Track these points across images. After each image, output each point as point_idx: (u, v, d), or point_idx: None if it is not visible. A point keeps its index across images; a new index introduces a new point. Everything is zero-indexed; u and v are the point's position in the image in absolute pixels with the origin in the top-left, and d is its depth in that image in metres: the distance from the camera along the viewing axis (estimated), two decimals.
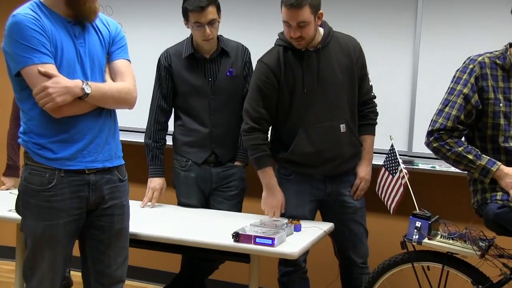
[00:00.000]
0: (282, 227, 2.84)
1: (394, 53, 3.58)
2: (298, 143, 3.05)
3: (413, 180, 3.13)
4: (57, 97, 2.26)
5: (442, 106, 2.65)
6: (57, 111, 2.31)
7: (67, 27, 2.37)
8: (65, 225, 2.39)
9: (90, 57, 2.41)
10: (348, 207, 3.16)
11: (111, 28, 2.52)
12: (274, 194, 3.09)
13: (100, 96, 2.37)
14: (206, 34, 3.15)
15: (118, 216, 2.53)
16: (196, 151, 3.35)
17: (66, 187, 2.37)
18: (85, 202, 2.43)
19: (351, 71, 3.07)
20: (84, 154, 2.39)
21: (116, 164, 2.51)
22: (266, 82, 3.04)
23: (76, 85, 2.31)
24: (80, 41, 2.39)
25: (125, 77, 2.49)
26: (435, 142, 2.64)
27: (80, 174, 2.39)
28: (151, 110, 3.39)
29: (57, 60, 2.32)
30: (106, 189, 2.47)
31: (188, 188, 3.37)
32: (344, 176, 3.16)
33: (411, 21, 3.51)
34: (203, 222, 3.09)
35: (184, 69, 3.30)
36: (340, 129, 3.05)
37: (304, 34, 2.91)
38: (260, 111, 3.06)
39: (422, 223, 2.66)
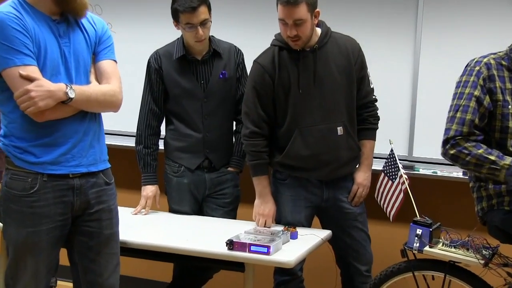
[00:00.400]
0: (278, 234, 2.83)
1: (394, 54, 3.57)
2: (293, 146, 3.04)
3: (414, 186, 3.13)
4: (39, 101, 2.24)
5: (453, 113, 2.60)
6: (40, 115, 2.29)
7: (51, 26, 2.34)
8: (49, 232, 2.36)
9: (75, 57, 2.39)
10: (348, 213, 3.14)
11: (98, 27, 2.50)
12: (266, 202, 3.10)
13: (84, 100, 2.35)
14: (199, 35, 3.13)
15: (106, 221, 2.50)
16: (189, 157, 3.33)
17: (49, 192, 2.34)
18: (70, 208, 2.40)
19: (349, 72, 3.07)
20: (68, 158, 2.37)
21: (101, 168, 2.49)
22: (261, 83, 3.05)
23: (60, 88, 2.29)
24: (65, 41, 2.37)
25: (111, 79, 2.47)
26: (452, 149, 2.57)
27: (64, 178, 2.37)
28: (141, 114, 3.36)
29: (40, 61, 2.30)
30: (92, 193, 2.45)
31: (180, 194, 3.35)
32: (341, 182, 3.14)
33: (412, 21, 3.49)
34: (196, 230, 3.08)
35: (175, 71, 3.28)
36: (337, 132, 3.04)
37: (301, 32, 2.90)
38: (259, 113, 3.06)
39: (423, 230, 2.65)
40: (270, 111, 3.07)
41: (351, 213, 3.14)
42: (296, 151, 3.04)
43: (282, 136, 3.09)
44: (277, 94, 3.05)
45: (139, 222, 3.20)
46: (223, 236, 2.75)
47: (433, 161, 3.48)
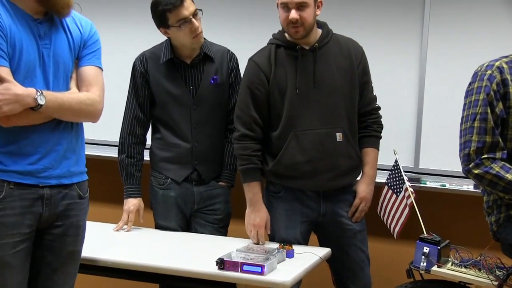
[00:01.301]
0: (273, 253, 2.80)
1: (399, 59, 3.58)
2: (288, 151, 3.03)
3: (420, 200, 3.11)
4: (4, 106, 2.21)
5: (471, 122, 2.56)
6: (5, 121, 2.26)
7: (31, 26, 2.32)
8: (15, 245, 2.31)
9: (55, 61, 2.37)
10: (346, 229, 3.11)
11: (84, 30, 2.48)
12: (257, 211, 3.07)
13: (56, 108, 2.33)
14: (195, 27, 3.12)
15: (72, 237, 2.47)
16: (175, 168, 3.30)
17: (16, 200, 2.31)
18: (37, 219, 2.36)
19: (351, 75, 3.06)
20: (38, 169, 2.34)
21: (75, 181, 2.47)
22: (255, 82, 3.05)
23: (29, 94, 2.26)
24: (45, 42, 2.35)
25: (92, 86, 2.45)
26: (476, 169, 2.53)
27: (33, 187, 2.34)
28: (125, 121, 3.34)
29: (14, 62, 2.27)
30: (62, 206, 2.42)
31: (166, 209, 3.32)
32: (340, 194, 3.11)
33: (418, 26, 3.51)
34: (183, 247, 3.06)
35: (162, 75, 3.27)
36: (335, 138, 3.02)
37: (303, 18, 2.93)
38: (251, 114, 3.06)
39: (431, 248, 2.64)
40: (265, 112, 3.07)
41: (350, 230, 3.11)
42: (291, 156, 3.02)
43: (276, 141, 3.07)
44: (272, 94, 3.04)
45: (121, 239, 3.17)
46: (213, 255, 2.73)
47: (441, 173, 3.48)
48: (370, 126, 3.15)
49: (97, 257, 2.79)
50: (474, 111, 2.56)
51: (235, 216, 3.42)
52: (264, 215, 3.07)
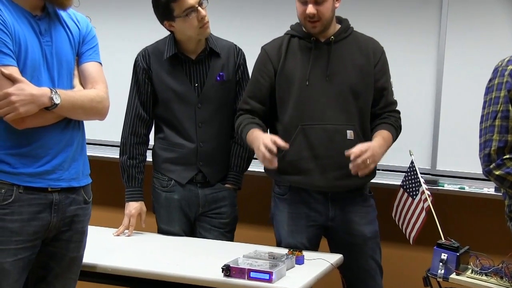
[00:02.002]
0: (282, 259, 2.79)
1: (416, 57, 3.58)
2: (294, 145, 3.01)
3: (437, 203, 3.11)
4: (20, 107, 2.23)
5: (491, 121, 2.54)
6: (20, 123, 2.27)
7: (31, 23, 2.34)
8: (17, 253, 2.31)
9: (58, 58, 2.39)
10: (356, 236, 3.09)
11: (81, 25, 2.50)
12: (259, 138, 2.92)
13: (70, 107, 2.35)
14: (202, 15, 3.11)
15: (75, 243, 2.49)
16: (179, 170, 3.29)
17: (25, 205, 2.32)
18: (45, 227, 2.37)
19: (367, 73, 3.06)
20: (48, 171, 2.35)
21: (83, 183, 2.49)
22: (261, 70, 3.11)
23: (44, 93, 2.28)
24: (46, 39, 2.36)
25: (97, 83, 2.48)
26: (497, 170, 2.50)
27: (42, 192, 2.35)
28: (126, 120, 3.33)
29: (20, 61, 2.29)
30: (70, 211, 2.43)
31: (170, 212, 3.31)
32: (350, 197, 3.09)
33: (435, 25, 3.52)
34: (187, 253, 3.05)
35: (165, 71, 3.26)
36: (346, 135, 3.00)
37: (321, 13, 2.95)
38: (250, 103, 3.11)
39: (449, 255, 2.63)
40: (265, 101, 3.09)
41: (360, 236, 3.09)
42: (296, 152, 3.01)
43: (282, 134, 3.05)
44: (280, 85, 3.06)
45: (122, 245, 3.17)
46: (219, 261, 2.72)
47: (459, 175, 3.48)
48: (387, 118, 3.09)
49: (96, 263, 2.78)
50: (494, 109, 2.53)
51: (242, 221, 3.42)
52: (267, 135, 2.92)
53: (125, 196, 3.32)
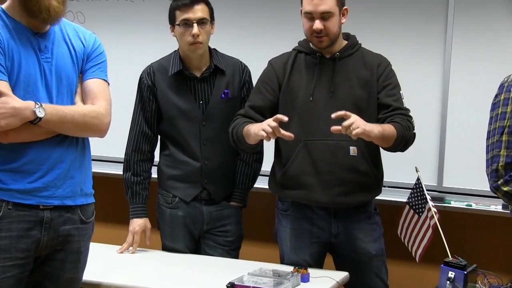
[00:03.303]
0: (287, 277, 2.76)
1: (421, 71, 3.57)
2: (296, 160, 3.00)
3: (444, 220, 3.05)
4: (1, 120, 2.21)
5: (498, 136, 2.51)
6: (3, 136, 2.26)
7: (30, 39, 2.33)
8: (5, 270, 2.28)
9: (57, 74, 2.38)
10: (361, 253, 3.05)
11: (87, 43, 2.50)
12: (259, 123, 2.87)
13: (57, 121, 2.31)
14: (194, 33, 3.10)
15: (71, 264, 2.44)
16: (184, 187, 3.27)
17: (14, 222, 2.29)
18: (35, 245, 2.33)
19: (372, 87, 3.02)
20: (40, 187, 2.33)
21: (80, 203, 2.44)
22: (266, 82, 3.10)
23: (27, 106, 2.25)
24: (46, 56, 2.36)
25: (97, 99, 2.45)
26: (505, 186, 2.47)
27: (33, 209, 2.32)
28: (130, 136, 3.31)
29: (13, 76, 2.28)
30: (63, 231, 2.39)
31: (174, 229, 3.28)
32: (354, 214, 3.05)
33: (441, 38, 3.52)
34: (192, 271, 3.02)
35: (170, 88, 3.24)
36: (349, 151, 2.98)
37: (327, 28, 2.94)
38: (249, 112, 3.07)
39: (456, 273, 2.56)
40: (265, 114, 3.04)
41: (365, 254, 3.05)
42: (298, 167, 2.99)
43: (285, 149, 3.05)
44: (284, 100, 3.05)
45: (126, 262, 3.15)
46: (223, 278, 2.70)
47: (466, 192, 3.46)
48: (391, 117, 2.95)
49: (100, 281, 2.76)
50: (501, 124, 2.50)
51: (247, 237, 3.40)
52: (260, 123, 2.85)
53: (129, 212, 3.29)
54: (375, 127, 2.79)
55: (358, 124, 2.69)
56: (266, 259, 3.12)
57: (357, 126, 2.68)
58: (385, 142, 2.86)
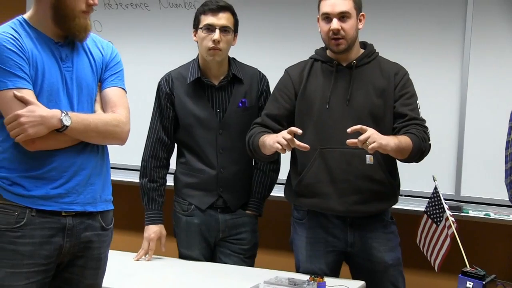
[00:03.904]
0: (303, 285, 2.74)
1: (439, 78, 3.57)
2: (312, 168, 2.99)
3: (462, 230, 3.03)
4: (29, 128, 2.22)
5: None
6: (30, 144, 2.27)
7: (52, 49, 2.35)
8: (29, 276, 2.28)
9: (78, 83, 2.39)
10: (377, 263, 3.03)
11: (105, 52, 2.51)
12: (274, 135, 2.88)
13: (82, 129, 2.34)
14: (215, 39, 3.12)
15: (91, 270, 2.44)
16: (200, 195, 3.27)
17: (37, 229, 2.29)
18: (57, 251, 2.34)
19: (389, 96, 3.00)
20: (61, 194, 2.33)
21: (100, 209, 2.45)
22: (282, 90, 3.10)
23: (54, 115, 2.27)
24: (67, 65, 2.37)
25: (117, 107, 2.46)
26: None
27: (55, 215, 2.33)
28: (148, 143, 3.32)
29: (37, 85, 2.30)
30: (84, 237, 2.39)
31: (189, 237, 3.28)
32: (370, 223, 3.03)
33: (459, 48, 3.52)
34: (207, 278, 3.02)
35: (188, 96, 3.25)
36: (365, 160, 2.96)
37: (344, 30, 2.94)
38: (266, 120, 3.07)
39: (475, 283, 2.55)
40: (282, 122, 3.05)
41: (381, 264, 3.03)
42: (314, 174, 2.99)
43: (300, 158, 3.04)
44: (300, 108, 3.04)
45: (141, 269, 3.15)
46: (239, 287, 2.75)
47: (484, 201, 3.44)
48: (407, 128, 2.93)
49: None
50: None
51: (263, 245, 3.39)
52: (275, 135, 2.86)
53: (144, 219, 3.29)
54: (391, 140, 2.77)
55: (374, 138, 2.69)
56: (282, 268, 3.12)
57: (373, 140, 2.68)
58: (400, 154, 2.85)
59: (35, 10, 2.35)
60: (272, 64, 3.50)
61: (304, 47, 3.24)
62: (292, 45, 3.80)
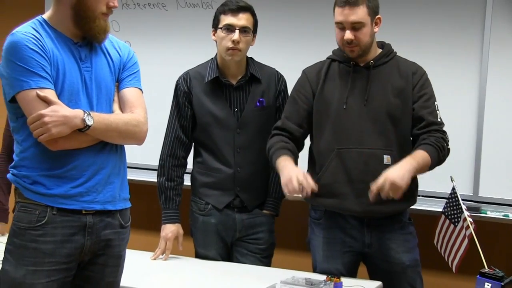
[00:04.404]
0: (319, 285, 2.74)
1: (457, 79, 3.56)
2: (329, 169, 2.98)
3: (480, 231, 2.99)
4: (52, 128, 2.24)
5: None
6: (53, 144, 2.28)
7: (71, 49, 2.37)
8: (50, 274, 2.30)
9: (97, 83, 2.41)
10: (394, 263, 3.01)
11: (123, 53, 2.53)
12: (285, 171, 2.88)
13: (103, 129, 2.35)
14: (235, 39, 3.12)
15: (112, 268, 2.46)
16: (217, 195, 3.28)
17: (58, 227, 2.31)
18: (79, 250, 2.36)
19: (407, 96, 2.99)
20: (82, 192, 2.35)
21: (119, 207, 2.47)
22: (300, 92, 3.09)
23: (77, 115, 2.28)
24: (86, 65, 2.39)
25: (135, 107, 2.48)
26: None
27: (76, 214, 2.35)
28: (165, 142, 3.32)
29: (58, 85, 2.31)
30: (104, 235, 2.41)
31: (206, 236, 3.28)
32: (387, 224, 3.02)
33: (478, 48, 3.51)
34: (224, 278, 3.02)
35: (205, 95, 3.25)
36: (382, 160, 2.94)
37: (358, 38, 2.91)
38: (286, 123, 3.08)
39: (493, 285, 2.52)
40: (302, 124, 3.06)
41: (399, 265, 3.01)
42: (331, 174, 2.97)
43: (318, 158, 3.03)
44: (317, 108, 3.03)
45: (158, 269, 3.15)
46: (256, 286, 2.73)
47: (503, 202, 3.42)
48: (426, 138, 2.93)
49: (134, 287, 2.76)
50: None
51: (279, 245, 3.39)
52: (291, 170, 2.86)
53: (161, 218, 3.29)
54: (408, 169, 2.77)
55: (393, 188, 2.73)
56: (299, 267, 3.11)
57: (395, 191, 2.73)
58: (421, 173, 2.89)
59: (55, 11, 2.37)
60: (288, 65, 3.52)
61: (321, 47, 3.23)
62: (309, 46, 3.80)
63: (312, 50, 3.65)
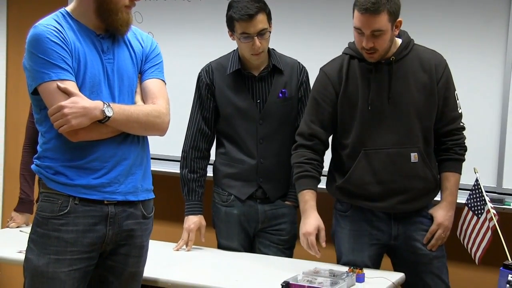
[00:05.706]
0: (342, 277, 2.73)
1: (481, 69, 3.52)
2: (357, 170, 2.95)
3: (504, 222, 2.99)
4: (72, 119, 2.26)
5: None
6: (73, 135, 2.31)
7: (94, 41, 2.39)
8: (72, 263, 2.34)
9: (119, 75, 2.43)
10: (421, 255, 3.00)
11: (145, 44, 2.54)
12: (307, 218, 2.98)
13: (124, 120, 2.37)
14: (256, 47, 3.10)
15: (134, 258, 2.49)
16: (239, 185, 3.28)
17: (80, 217, 2.35)
18: (101, 239, 2.38)
19: (431, 90, 2.95)
20: (104, 183, 2.38)
21: (142, 198, 2.49)
22: (322, 93, 3.02)
23: (96, 106, 2.30)
24: (109, 57, 2.41)
25: (157, 99, 2.49)
26: None
27: (98, 204, 2.38)
28: (188, 134, 3.33)
29: (79, 77, 2.34)
30: (126, 225, 2.43)
31: (229, 227, 3.29)
32: (414, 216, 3.01)
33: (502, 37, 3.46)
34: (246, 269, 3.03)
35: (228, 87, 3.25)
36: (410, 159, 2.92)
37: (378, 45, 2.84)
38: (312, 127, 3.03)
39: None
40: (328, 126, 3.03)
41: (426, 256, 3.00)
42: (360, 176, 2.95)
43: (345, 158, 3.01)
44: (342, 108, 2.99)
45: (181, 259, 3.17)
46: (278, 278, 2.69)
47: None
48: (451, 148, 3.01)
49: (157, 278, 2.78)
50: None
51: None
52: (313, 221, 2.96)
53: (184, 210, 3.31)
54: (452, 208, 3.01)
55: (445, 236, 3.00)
56: (321, 259, 3.09)
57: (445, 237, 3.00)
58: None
59: (78, 3, 2.38)
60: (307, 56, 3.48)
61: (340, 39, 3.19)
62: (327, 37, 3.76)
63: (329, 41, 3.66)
